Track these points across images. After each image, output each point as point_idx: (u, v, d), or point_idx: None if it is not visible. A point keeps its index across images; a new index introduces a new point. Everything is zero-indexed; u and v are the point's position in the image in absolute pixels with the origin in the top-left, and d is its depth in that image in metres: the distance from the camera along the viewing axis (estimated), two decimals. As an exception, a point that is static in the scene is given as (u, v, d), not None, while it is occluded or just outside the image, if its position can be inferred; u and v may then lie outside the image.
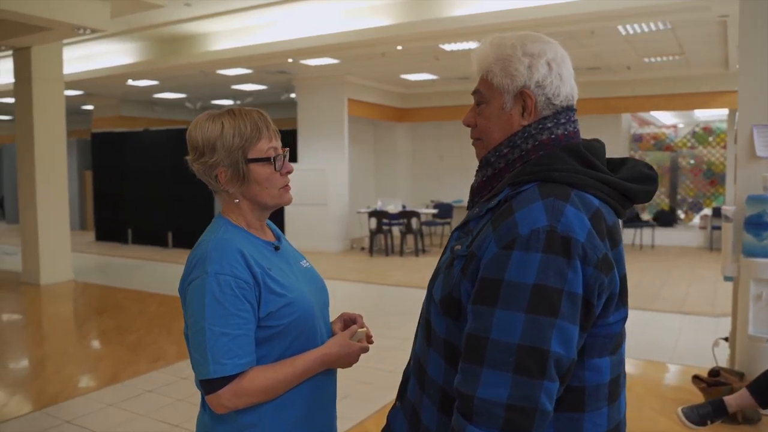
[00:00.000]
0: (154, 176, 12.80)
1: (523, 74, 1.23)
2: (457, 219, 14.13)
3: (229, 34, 9.42)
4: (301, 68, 11.17)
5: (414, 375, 1.33)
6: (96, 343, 5.93)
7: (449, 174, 14.56)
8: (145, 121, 16.16)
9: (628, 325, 1.21)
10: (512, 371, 1.05)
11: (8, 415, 4.03)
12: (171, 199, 12.53)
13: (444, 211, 12.95)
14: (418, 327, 1.35)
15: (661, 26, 7.72)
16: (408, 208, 11.90)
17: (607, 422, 1.19)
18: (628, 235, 12.31)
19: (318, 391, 1.50)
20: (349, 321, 1.63)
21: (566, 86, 1.26)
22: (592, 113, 12.37)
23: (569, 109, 1.28)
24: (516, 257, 1.07)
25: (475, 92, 1.31)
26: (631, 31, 8.03)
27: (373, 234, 11.67)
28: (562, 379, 1.09)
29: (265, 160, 1.47)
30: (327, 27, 8.39)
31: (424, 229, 13.41)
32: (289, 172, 1.54)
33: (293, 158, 12.37)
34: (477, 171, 1.33)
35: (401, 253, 11.62)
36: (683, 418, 3.33)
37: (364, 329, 1.56)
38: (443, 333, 1.22)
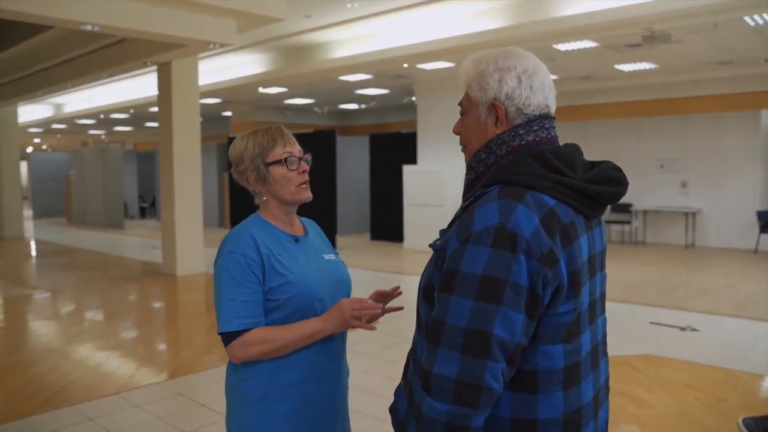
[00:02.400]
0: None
1: (494, 87, 1.36)
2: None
3: (348, 42, 9.89)
4: (420, 72, 11.43)
5: (411, 356, 1.51)
6: (214, 329, 6.53)
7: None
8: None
9: (739, 337, 1.21)
10: (461, 351, 1.18)
11: (132, 384, 4.64)
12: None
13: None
14: None
15: (795, 15, 7.14)
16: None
17: (563, 406, 1.27)
18: (766, 239, 11.37)
19: (314, 367, 1.74)
20: None
21: (537, 96, 1.36)
22: (724, 110, 11.55)
23: (544, 117, 1.37)
24: (469, 251, 1.21)
25: (460, 104, 1.46)
26: (760, 21, 7.49)
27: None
28: (510, 361, 1.20)
29: (279, 162, 1.78)
30: (439, 32, 8.58)
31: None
32: (305, 172, 1.82)
33: (412, 160, 12.67)
34: (465, 175, 1.49)
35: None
36: (744, 429, 3.17)
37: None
38: (425, 318, 1.38)
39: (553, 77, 9.24)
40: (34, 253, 13.20)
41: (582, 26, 7.39)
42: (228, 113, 18.70)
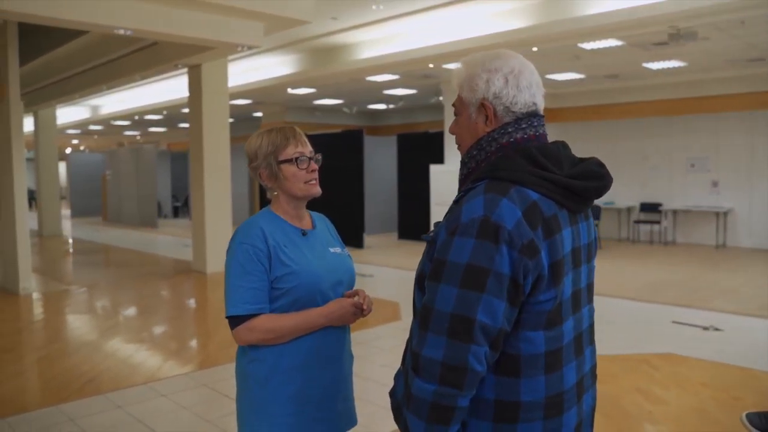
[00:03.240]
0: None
1: (482, 88, 1.44)
2: (607, 220, 13.66)
3: (374, 43, 10.01)
4: (447, 72, 11.49)
5: (409, 343, 1.61)
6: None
7: (600, 175, 14.08)
8: (307, 126, 17.39)
9: (763, 337, 1.23)
10: (447, 335, 1.26)
11: (159, 375, 4.82)
12: (324, 200, 13.41)
13: (591, 212, 12.56)
14: None
15: (825, 11, 7.01)
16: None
17: (545, 389, 1.34)
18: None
19: (316, 351, 1.86)
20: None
21: (524, 95, 1.43)
22: (755, 108, 11.35)
23: (532, 115, 1.44)
24: (456, 241, 1.28)
25: (454, 105, 1.55)
26: (789, 18, 7.38)
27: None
28: (493, 346, 1.27)
29: (290, 161, 1.90)
30: (464, 32, 8.64)
31: (570, 231, 13.14)
32: (314, 170, 1.95)
33: (440, 160, 12.73)
34: (459, 170, 1.58)
35: (543, 254, 11.50)
36: (747, 424, 3.18)
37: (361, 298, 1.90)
38: (418, 305, 1.49)
39: (580, 76, 9.24)
40: (70, 250, 13.62)
41: (606, 25, 7.38)
42: (259, 114, 18.99)
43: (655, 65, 10.65)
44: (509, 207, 1.28)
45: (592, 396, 1.52)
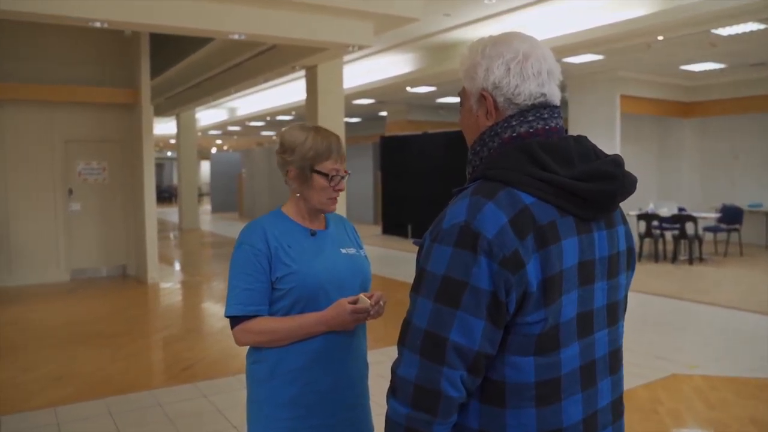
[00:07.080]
0: (430, 175, 13.76)
1: (481, 77, 1.26)
2: (750, 224, 12.39)
3: (490, 39, 9.75)
4: (570, 67, 10.97)
5: None
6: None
7: (746, 174, 12.80)
8: (430, 125, 17.33)
9: None
10: (420, 354, 1.13)
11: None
12: (443, 197, 13.30)
13: (731, 215, 11.44)
14: None
15: None
16: (687, 212, 10.87)
17: (536, 424, 1.16)
18: None
19: (318, 353, 1.79)
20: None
21: (529, 84, 1.24)
22: None
23: (541, 107, 1.25)
24: (436, 249, 1.14)
25: (459, 95, 1.38)
26: None
27: (642, 238, 10.93)
28: (471, 369, 1.12)
29: (325, 175, 1.84)
30: (580, 23, 8.19)
31: (708, 235, 12.07)
32: (341, 190, 1.89)
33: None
34: (466, 169, 1.43)
35: (673, 260, 10.68)
36: None
37: (367, 300, 1.77)
38: None
39: (720, 66, 8.43)
40: (203, 243, 14.56)
41: (740, 6, 6.66)
42: (384, 113, 19.24)
43: (809, 51, 9.48)
44: (493, 212, 1.11)
45: None
